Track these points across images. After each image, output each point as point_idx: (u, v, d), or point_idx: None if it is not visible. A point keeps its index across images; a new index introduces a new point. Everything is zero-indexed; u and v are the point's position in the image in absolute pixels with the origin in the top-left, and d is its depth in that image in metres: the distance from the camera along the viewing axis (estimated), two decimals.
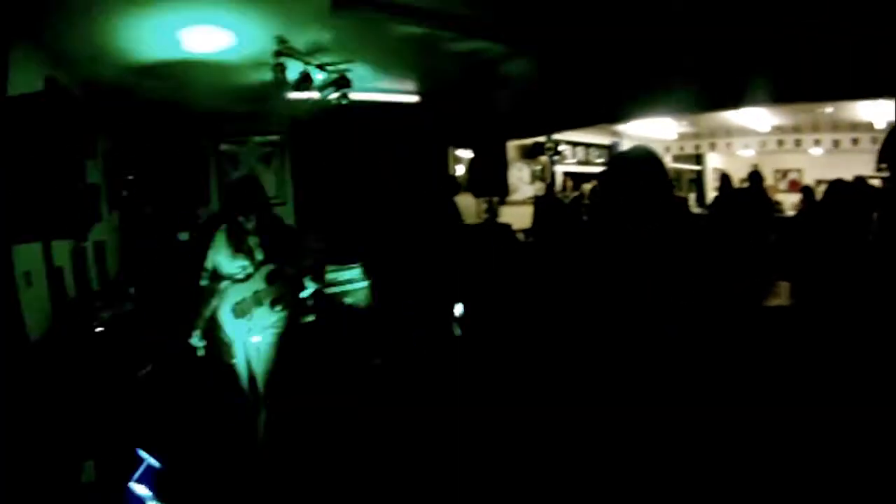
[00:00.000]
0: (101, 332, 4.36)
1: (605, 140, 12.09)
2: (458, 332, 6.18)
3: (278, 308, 3.74)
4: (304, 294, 4.11)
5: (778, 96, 6.03)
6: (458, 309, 6.20)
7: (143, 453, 3.65)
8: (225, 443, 4.23)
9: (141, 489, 3.43)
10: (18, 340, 3.31)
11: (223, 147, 7.98)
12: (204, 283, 3.85)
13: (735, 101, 6.76)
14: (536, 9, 4.49)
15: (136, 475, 3.55)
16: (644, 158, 2.69)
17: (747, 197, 7.28)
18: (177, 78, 5.48)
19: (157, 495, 3.41)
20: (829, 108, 9.10)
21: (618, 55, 5.68)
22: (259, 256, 3.71)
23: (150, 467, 3.65)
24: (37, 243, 3.51)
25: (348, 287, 7.35)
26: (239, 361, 3.92)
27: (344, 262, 7.48)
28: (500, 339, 5.76)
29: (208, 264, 3.83)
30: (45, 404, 3.33)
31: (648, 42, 5.32)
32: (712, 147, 12.48)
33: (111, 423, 3.83)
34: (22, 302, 3.42)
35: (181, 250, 6.33)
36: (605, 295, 2.75)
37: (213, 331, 4.98)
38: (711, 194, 11.78)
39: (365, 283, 7.46)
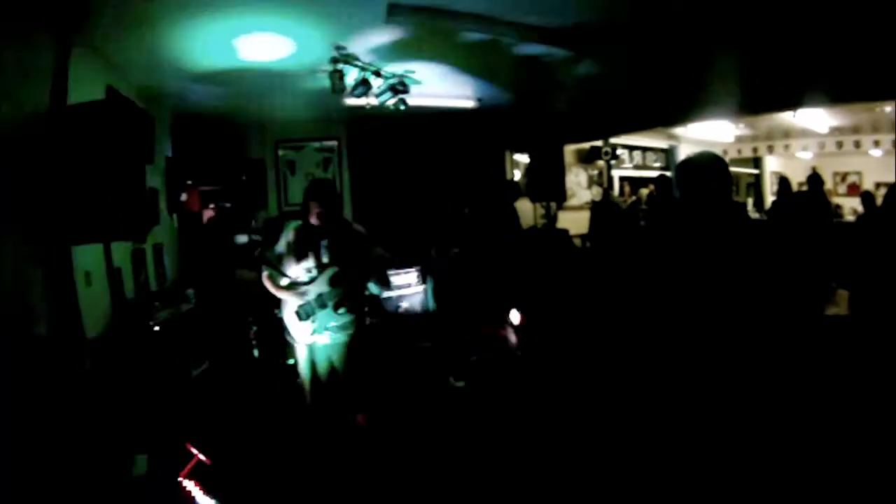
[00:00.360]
0: (158, 331, 4.47)
1: (662, 144, 11.92)
2: (513, 338, 6.11)
3: (342, 311, 3.72)
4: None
5: (836, 96, 5.80)
6: (515, 316, 6.12)
7: (194, 449, 3.73)
8: (276, 441, 4.27)
9: (190, 484, 3.49)
10: (76, 337, 3.42)
11: (281, 152, 8.15)
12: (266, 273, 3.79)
13: (793, 103, 6.57)
14: (594, 12, 4.38)
15: (187, 470, 3.63)
16: (711, 163, 2.63)
17: (806, 201, 6.96)
18: (235, 85, 5.63)
19: (205, 491, 3.47)
20: (888, 108, 8.65)
21: (674, 57, 5.50)
22: (325, 259, 3.70)
23: (200, 463, 3.72)
24: (97, 245, 3.60)
25: (404, 291, 7.39)
26: (301, 363, 3.91)
27: (400, 266, 7.52)
28: (558, 347, 5.68)
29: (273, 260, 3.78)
30: (102, 399, 3.42)
31: (706, 42, 5.16)
32: (770, 150, 12.15)
33: (165, 418, 3.91)
34: (81, 301, 3.54)
35: (238, 253, 6.46)
36: (665, 301, 2.68)
37: (275, 331, 5.09)
38: (770, 199, 11.45)
39: (421, 288, 7.49)
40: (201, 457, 3.73)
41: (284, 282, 3.70)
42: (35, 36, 3.24)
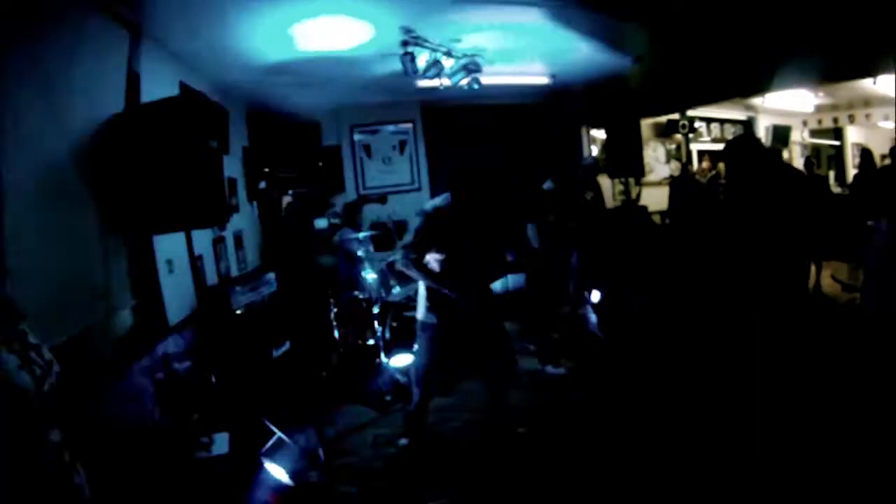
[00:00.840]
0: (239, 314, 4.63)
1: (740, 115, 11.41)
2: (594, 318, 5.98)
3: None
4: None
5: None
6: (595, 295, 5.99)
7: (274, 428, 3.85)
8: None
9: (269, 462, 3.61)
10: (159, 323, 3.58)
11: (356, 137, 8.24)
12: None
13: (873, 69, 6.21)
14: None
15: (266, 448, 3.76)
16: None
17: (890, 175, 6.43)
18: (306, 74, 5.70)
19: (284, 468, 3.57)
20: None
21: (751, 23, 5.17)
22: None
23: (280, 441, 3.84)
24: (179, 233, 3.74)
25: None
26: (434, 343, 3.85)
27: None
28: (643, 331, 5.52)
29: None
30: (186, 381, 3.57)
31: (783, 8, 4.83)
32: (851, 120, 11.32)
33: (246, 398, 4.04)
34: (164, 288, 3.70)
35: (318, 237, 6.60)
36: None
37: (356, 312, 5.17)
38: (852, 172, 10.73)
39: None
40: (282, 436, 3.86)
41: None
42: (108, 33, 3.37)
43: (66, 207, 2.85)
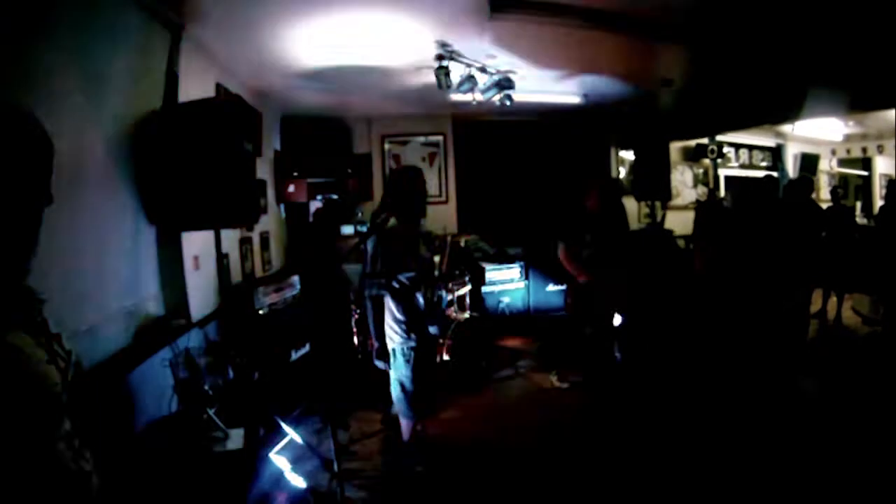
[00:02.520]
0: (262, 314, 4.69)
1: (769, 142, 11.32)
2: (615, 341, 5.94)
3: None
4: None
5: None
6: (617, 319, 5.95)
7: (287, 428, 3.89)
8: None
9: (281, 461, 3.65)
10: (183, 317, 3.65)
11: (387, 146, 8.33)
12: None
13: None
14: (699, 6, 4.14)
15: (278, 447, 3.80)
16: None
17: None
18: (340, 82, 5.78)
19: (294, 469, 3.61)
20: None
21: (782, 51, 5.13)
22: None
23: (292, 442, 3.88)
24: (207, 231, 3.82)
25: (507, 286, 7.45)
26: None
27: (504, 261, 7.55)
28: (663, 354, 5.47)
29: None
30: (205, 376, 3.62)
31: (814, 37, 4.80)
32: (880, 150, 11.26)
33: (264, 397, 4.09)
34: (189, 283, 3.77)
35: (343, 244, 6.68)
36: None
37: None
38: (879, 203, 10.46)
39: (523, 283, 7.48)
40: (294, 435, 3.90)
41: None
42: (149, 34, 3.48)
43: (101, 197, 2.92)
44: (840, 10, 4.24)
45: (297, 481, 3.56)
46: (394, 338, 3.52)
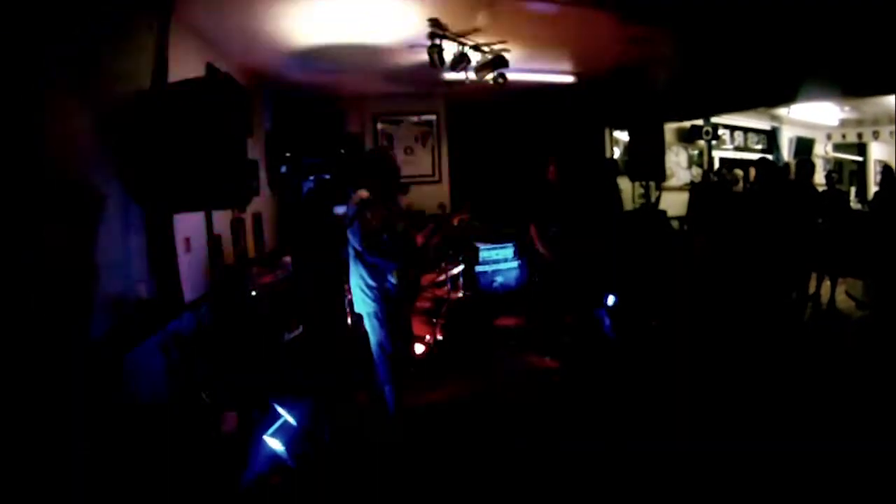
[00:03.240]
0: (255, 295, 4.67)
1: (764, 125, 11.29)
2: (608, 321, 5.96)
3: None
4: None
5: None
6: (611, 299, 5.96)
7: (281, 410, 3.89)
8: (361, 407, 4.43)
9: (274, 443, 3.65)
10: (175, 300, 3.63)
11: (379, 126, 8.27)
12: None
13: None
14: None
15: (272, 430, 3.80)
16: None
17: None
18: (332, 61, 5.71)
19: (288, 451, 3.62)
20: None
21: (779, 34, 5.10)
22: None
23: (286, 424, 3.88)
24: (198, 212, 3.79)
25: (501, 266, 7.46)
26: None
27: (497, 241, 7.55)
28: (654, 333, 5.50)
29: None
30: (197, 358, 3.62)
31: (811, 19, 4.78)
32: (876, 136, 11.18)
33: (256, 379, 4.09)
34: (181, 265, 3.75)
35: (337, 223, 6.64)
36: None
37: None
38: (873, 189, 10.60)
39: (516, 263, 7.49)
40: (288, 418, 3.90)
41: None
42: (138, 13, 3.41)
43: (91, 178, 2.89)
44: None
45: (289, 461, 3.57)
46: (367, 302, 3.78)
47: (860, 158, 12.10)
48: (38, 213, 2.26)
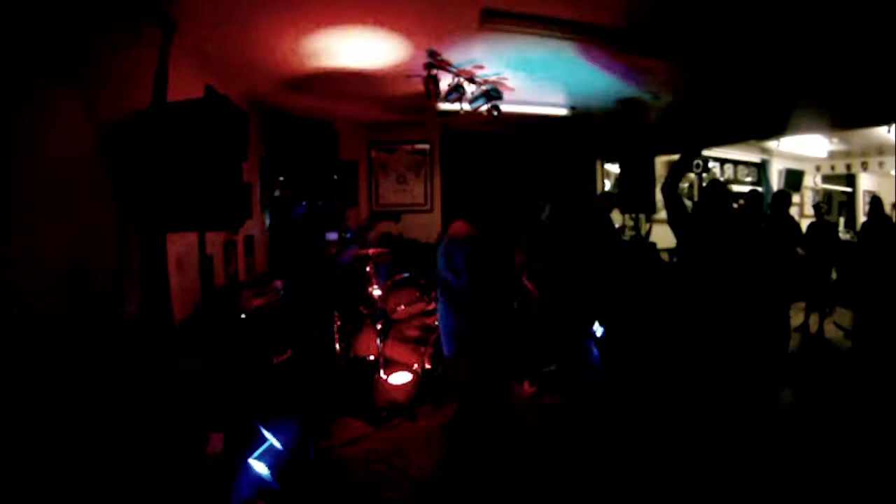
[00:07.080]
0: (244, 318, 4.65)
1: (754, 157, 11.57)
2: (595, 352, 5.96)
3: None
4: None
5: None
6: (598, 329, 5.98)
7: (267, 433, 3.86)
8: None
9: (259, 466, 3.62)
10: (166, 319, 3.61)
11: (373, 154, 8.33)
12: None
13: (889, 117, 6.31)
14: (687, 21, 4.19)
15: (257, 453, 3.76)
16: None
17: None
18: (329, 87, 5.79)
19: (273, 474, 3.58)
20: None
21: (768, 67, 5.23)
22: None
23: (271, 447, 3.84)
24: (191, 233, 3.79)
25: None
26: None
27: None
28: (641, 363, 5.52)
29: None
30: (184, 378, 3.59)
31: (799, 54, 4.88)
32: (864, 167, 11.43)
33: (245, 401, 4.05)
34: (172, 285, 3.74)
35: (328, 249, 6.65)
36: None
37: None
38: (862, 219, 10.70)
39: None
40: (274, 442, 3.87)
41: None
42: (140, 32, 3.46)
43: (86, 194, 2.90)
44: (824, 29, 4.32)
45: (275, 485, 3.53)
46: None
47: (849, 189, 12.38)
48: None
